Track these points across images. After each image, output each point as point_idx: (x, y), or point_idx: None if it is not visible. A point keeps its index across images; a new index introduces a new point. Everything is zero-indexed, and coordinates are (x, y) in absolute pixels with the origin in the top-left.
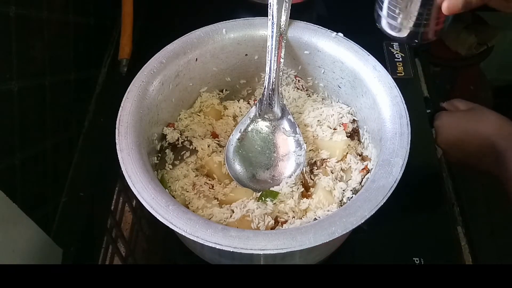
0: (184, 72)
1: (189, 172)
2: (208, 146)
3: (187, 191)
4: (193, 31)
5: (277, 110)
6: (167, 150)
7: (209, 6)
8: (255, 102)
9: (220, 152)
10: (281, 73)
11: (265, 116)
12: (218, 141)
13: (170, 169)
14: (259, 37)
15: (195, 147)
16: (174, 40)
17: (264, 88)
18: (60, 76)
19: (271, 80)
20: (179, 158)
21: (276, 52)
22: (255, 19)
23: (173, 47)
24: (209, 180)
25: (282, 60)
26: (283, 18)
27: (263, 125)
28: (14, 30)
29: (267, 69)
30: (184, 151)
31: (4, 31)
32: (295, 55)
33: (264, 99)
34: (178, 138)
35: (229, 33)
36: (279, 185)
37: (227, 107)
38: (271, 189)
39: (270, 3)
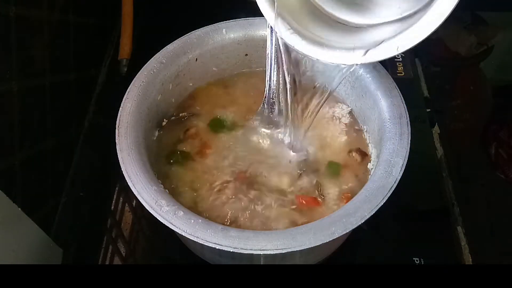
0: (184, 72)
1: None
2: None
3: None
4: (193, 31)
5: (278, 119)
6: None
7: (209, 6)
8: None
9: None
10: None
11: (266, 125)
12: None
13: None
14: (259, 37)
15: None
16: (174, 40)
17: (264, 98)
18: (60, 76)
19: (272, 91)
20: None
21: (276, 62)
22: (255, 19)
23: (173, 47)
24: None
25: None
26: None
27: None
28: (14, 30)
29: (267, 78)
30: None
31: (4, 31)
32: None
33: (265, 108)
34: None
35: (229, 33)
36: None
37: None
38: None
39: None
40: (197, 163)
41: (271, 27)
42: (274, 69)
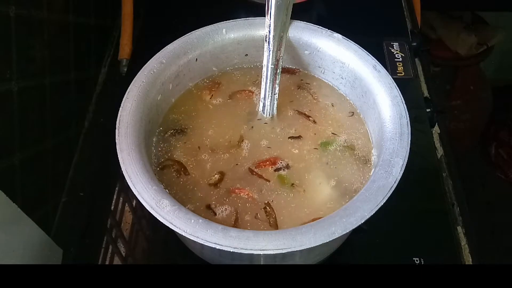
0: (184, 72)
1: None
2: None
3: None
4: (193, 31)
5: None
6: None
7: (209, 6)
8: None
9: None
10: (276, 96)
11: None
12: None
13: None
14: (259, 37)
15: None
16: (174, 40)
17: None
18: (60, 76)
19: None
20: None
21: (272, 79)
22: (255, 19)
23: (173, 47)
24: None
25: (277, 87)
26: (281, 49)
27: None
28: (14, 30)
29: (262, 94)
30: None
31: (4, 31)
32: (295, 55)
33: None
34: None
35: (229, 33)
36: None
37: None
38: None
39: (266, 35)
40: None
41: (268, 39)
42: (269, 89)
